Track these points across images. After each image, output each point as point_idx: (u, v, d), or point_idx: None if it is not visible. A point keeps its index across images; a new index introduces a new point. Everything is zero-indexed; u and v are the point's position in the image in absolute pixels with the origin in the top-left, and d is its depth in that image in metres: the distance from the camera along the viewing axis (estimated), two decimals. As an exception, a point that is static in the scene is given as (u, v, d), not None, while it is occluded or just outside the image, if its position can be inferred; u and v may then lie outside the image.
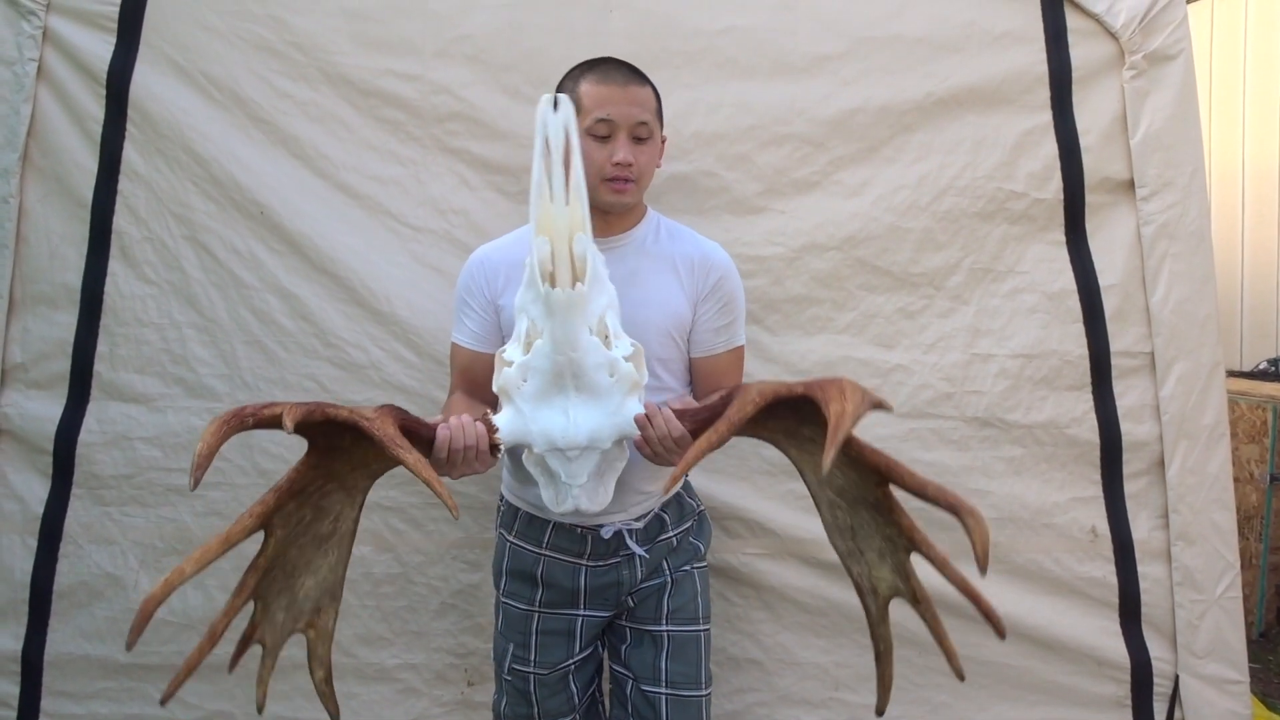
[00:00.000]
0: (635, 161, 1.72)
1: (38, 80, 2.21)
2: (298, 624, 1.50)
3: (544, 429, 1.56)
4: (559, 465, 1.59)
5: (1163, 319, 2.25)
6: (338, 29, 2.23)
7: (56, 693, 2.27)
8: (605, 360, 1.55)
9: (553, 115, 1.51)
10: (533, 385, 1.56)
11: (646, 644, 1.84)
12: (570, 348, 1.53)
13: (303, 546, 1.50)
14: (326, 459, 1.48)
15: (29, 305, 2.26)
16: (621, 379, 1.56)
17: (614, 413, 1.56)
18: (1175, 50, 2.24)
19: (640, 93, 1.74)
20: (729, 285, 1.83)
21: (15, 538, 2.26)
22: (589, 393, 1.55)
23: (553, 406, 1.56)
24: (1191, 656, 2.27)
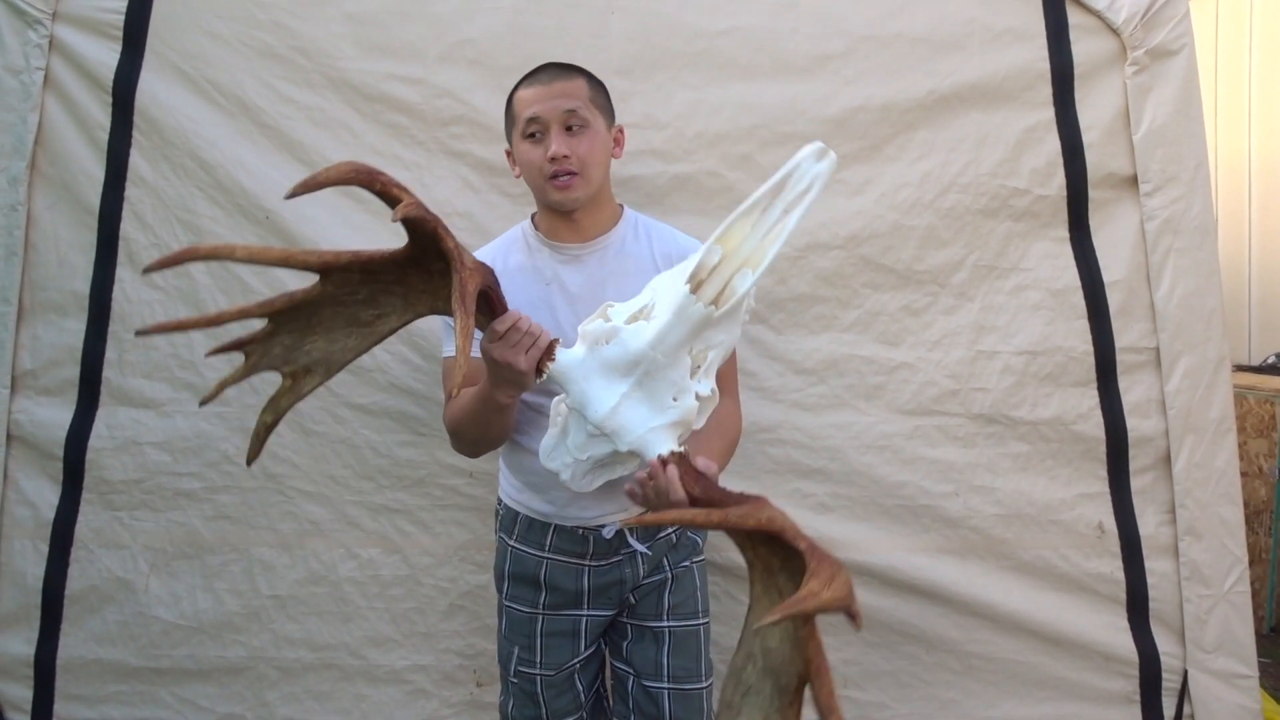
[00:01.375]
0: (572, 153, 1.70)
1: (44, 89, 2.23)
2: (284, 366, 1.50)
3: (590, 393, 1.51)
4: (576, 430, 1.56)
5: (1168, 314, 2.25)
6: (341, 34, 2.24)
7: (69, 696, 2.29)
8: (682, 384, 1.51)
9: (811, 161, 1.46)
10: (612, 352, 1.50)
11: (648, 640, 1.85)
12: (665, 351, 1.48)
13: (337, 313, 1.48)
14: (411, 265, 1.45)
15: (38, 312, 2.27)
16: (681, 410, 1.51)
17: (651, 431, 1.51)
18: (1177, 45, 2.24)
19: (567, 85, 1.73)
20: None
21: (27, 543, 2.28)
22: (647, 398, 1.50)
23: (612, 383, 1.51)
24: (1200, 651, 2.26)
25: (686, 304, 1.46)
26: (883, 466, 2.27)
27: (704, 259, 1.47)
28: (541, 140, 1.72)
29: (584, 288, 1.79)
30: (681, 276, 1.49)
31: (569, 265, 1.81)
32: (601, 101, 1.79)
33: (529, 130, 1.73)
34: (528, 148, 1.74)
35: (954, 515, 2.28)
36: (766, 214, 1.47)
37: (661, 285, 1.54)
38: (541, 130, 1.72)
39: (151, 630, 2.29)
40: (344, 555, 2.28)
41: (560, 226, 1.81)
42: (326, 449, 2.27)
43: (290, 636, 2.28)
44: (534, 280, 1.80)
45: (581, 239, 1.81)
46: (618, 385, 1.50)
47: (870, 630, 2.28)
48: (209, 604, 2.29)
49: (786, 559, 1.39)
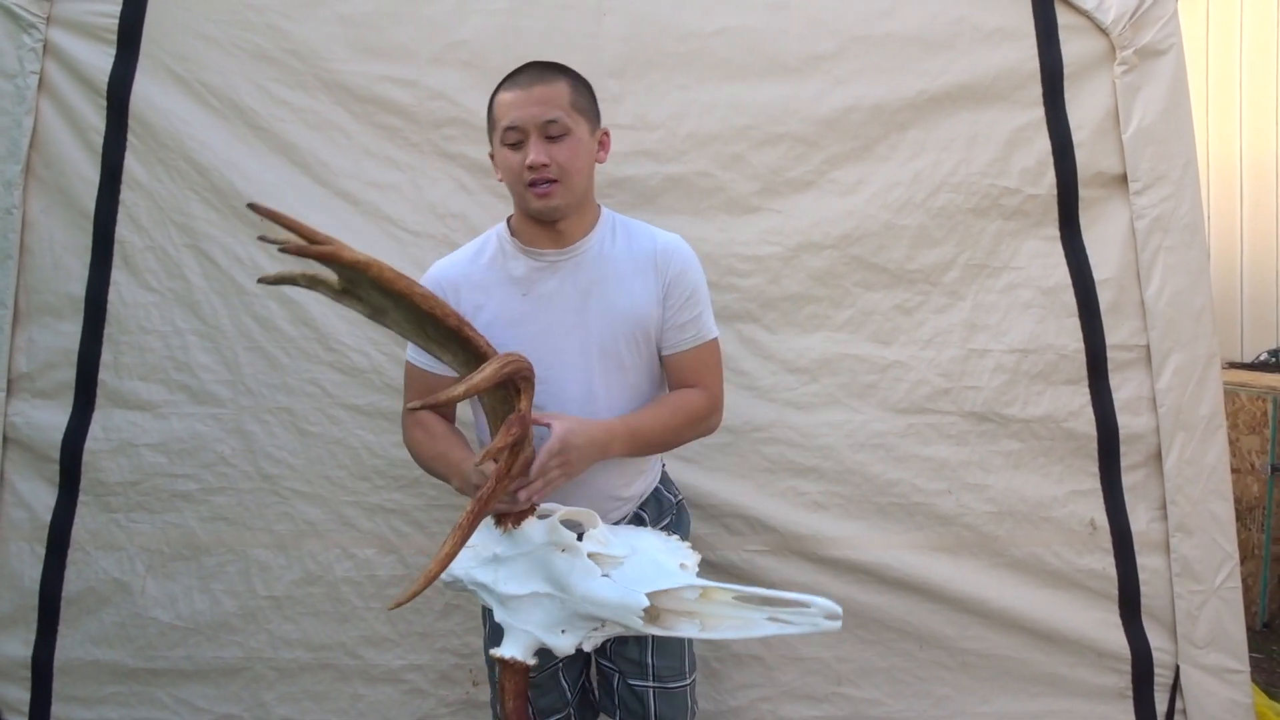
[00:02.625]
0: (551, 160, 1.66)
1: (39, 92, 2.24)
2: (350, 284, 1.48)
3: (514, 570, 1.61)
4: (483, 564, 1.64)
5: (1158, 312, 2.27)
6: (334, 36, 2.25)
7: (66, 697, 2.29)
8: (574, 629, 1.59)
9: (820, 614, 1.48)
10: (558, 565, 1.58)
11: (631, 640, 1.84)
12: (591, 610, 1.56)
13: (415, 316, 1.52)
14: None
15: (34, 315, 2.28)
16: (558, 641, 1.59)
17: (525, 631, 1.60)
18: (1166, 45, 2.25)
19: (547, 90, 1.68)
20: (690, 277, 1.79)
21: (24, 545, 2.29)
22: (548, 614, 1.59)
23: (533, 578, 1.59)
24: (1192, 646, 2.28)
25: (634, 609, 1.52)
26: (876, 464, 2.28)
27: (681, 589, 1.53)
28: (521, 147, 1.68)
29: (563, 297, 1.76)
30: (654, 579, 1.54)
31: (546, 273, 1.76)
32: (584, 105, 1.73)
33: (509, 138, 1.69)
34: (507, 154, 1.70)
35: (947, 513, 2.29)
36: (750, 605, 1.52)
37: (641, 559, 1.59)
38: (521, 137, 1.67)
39: (148, 631, 2.29)
40: (340, 555, 2.28)
41: (539, 234, 1.77)
42: (322, 450, 2.27)
43: (287, 637, 2.29)
44: (511, 294, 1.77)
45: (560, 245, 1.77)
46: (537, 584, 1.58)
47: (864, 627, 2.30)
48: (206, 605, 2.29)
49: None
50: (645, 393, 1.80)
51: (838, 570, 2.27)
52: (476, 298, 1.77)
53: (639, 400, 1.78)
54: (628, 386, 1.77)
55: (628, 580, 1.53)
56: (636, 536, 1.68)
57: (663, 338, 1.79)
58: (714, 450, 2.27)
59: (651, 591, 1.51)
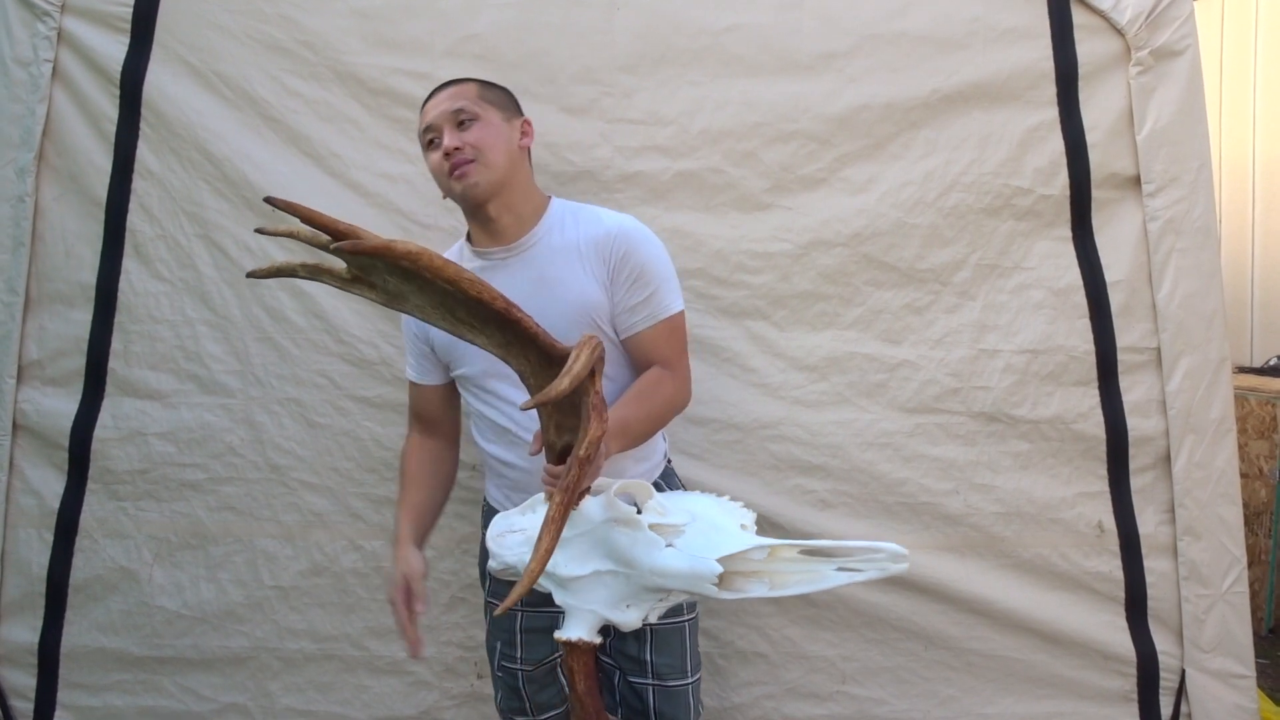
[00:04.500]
0: (463, 143, 1.72)
1: (52, 81, 2.25)
2: (362, 270, 1.45)
3: (571, 549, 1.55)
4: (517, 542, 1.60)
5: (1169, 314, 2.26)
6: (348, 28, 2.25)
7: (73, 684, 2.31)
8: (639, 601, 1.55)
9: (888, 558, 1.46)
10: (619, 540, 1.54)
11: (630, 638, 1.84)
12: (657, 580, 1.52)
13: (447, 296, 1.46)
14: (543, 359, 1.49)
15: (45, 303, 2.29)
16: (623, 617, 1.56)
17: (590, 611, 1.56)
18: (1181, 46, 2.24)
19: (455, 89, 1.78)
20: (637, 258, 1.76)
21: (32, 532, 2.30)
22: (610, 590, 1.55)
23: (593, 556, 1.55)
24: (1198, 651, 2.27)
25: (707, 578, 1.47)
26: (884, 464, 2.28)
27: (749, 551, 1.49)
28: (438, 144, 1.75)
29: (514, 294, 1.68)
30: (720, 543, 1.49)
31: (496, 273, 1.75)
32: (494, 98, 1.80)
33: (426, 140, 1.78)
34: (431, 156, 1.77)
35: (954, 513, 2.28)
36: (818, 558, 1.49)
37: (702, 525, 1.55)
38: (435, 134, 1.76)
39: (155, 620, 2.30)
40: (347, 547, 2.29)
41: (481, 233, 1.80)
42: (330, 441, 2.28)
43: (293, 627, 2.30)
44: None
45: (503, 242, 1.78)
46: (598, 562, 1.54)
47: (870, 626, 2.29)
48: (212, 594, 2.30)
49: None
50: (613, 377, 1.77)
51: (844, 569, 2.27)
52: None
53: (610, 386, 1.75)
54: None
55: (693, 548, 1.50)
56: (691, 501, 1.64)
57: (617, 321, 1.79)
58: (721, 447, 2.27)
59: (723, 557, 1.47)
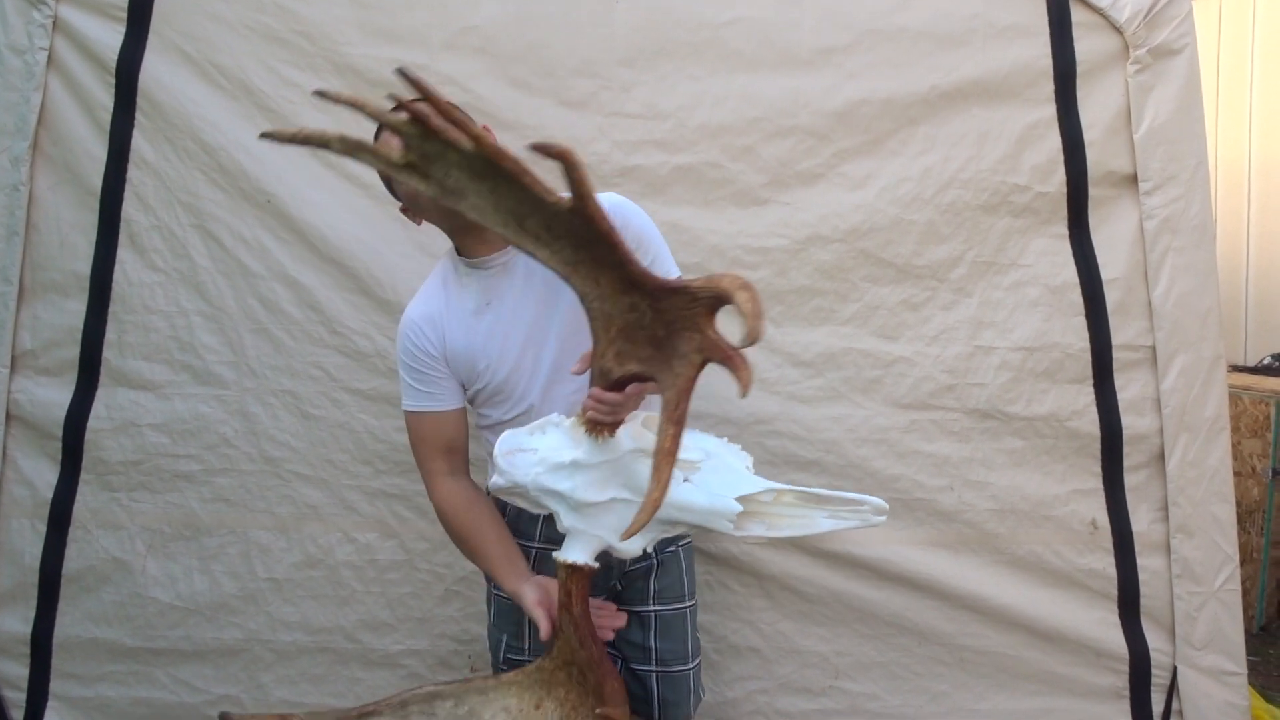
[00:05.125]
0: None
1: (48, 69, 2.23)
2: (423, 158, 1.43)
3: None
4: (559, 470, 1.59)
5: (1164, 313, 2.26)
6: (345, 19, 2.24)
7: (65, 675, 2.30)
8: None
9: (872, 510, 1.55)
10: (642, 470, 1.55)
11: (634, 625, 1.86)
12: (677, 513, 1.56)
13: (523, 203, 1.43)
14: (660, 322, 1.46)
15: (39, 292, 2.28)
16: (623, 547, 1.59)
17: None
18: (1180, 45, 2.24)
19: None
20: (634, 226, 1.73)
21: (25, 522, 2.29)
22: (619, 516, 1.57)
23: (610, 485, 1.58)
24: (1190, 648, 2.28)
25: (725, 515, 1.52)
26: (878, 460, 2.28)
27: (758, 494, 1.54)
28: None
29: (523, 292, 1.76)
30: (735, 483, 1.55)
31: (499, 277, 1.76)
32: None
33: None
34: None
35: (948, 509, 2.29)
36: (810, 504, 1.56)
37: (716, 463, 1.59)
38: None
39: (148, 611, 2.30)
40: (341, 539, 2.29)
41: (474, 244, 1.76)
42: (325, 433, 2.27)
43: (286, 619, 2.30)
44: (473, 308, 1.77)
45: (498, 247, 1.76)
46: (615, 490, 1.56)
47: (863, 622, 2.30)
48: (206, 586, 2.30)
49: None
50: None
51: (838, 564, 2.27)
52: (449, 322, 1.77)
53: None
54: None
55: (709, 485, 1.54)
56: (703, 440, 1.66)
57: None
58: (717, 442, 2.27)
59: (740, 497, 1.52)
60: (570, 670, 1.60)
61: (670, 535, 1.59)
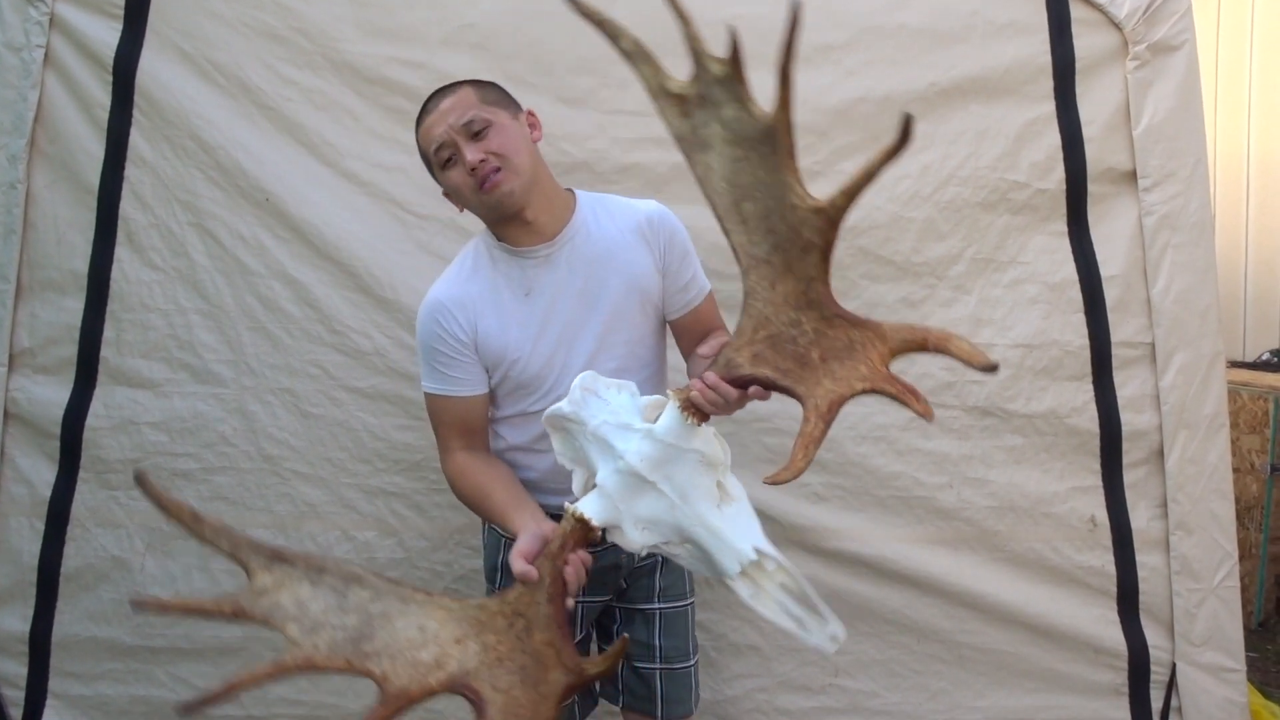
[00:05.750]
0: (486, 152, 1.65)
1: (45, 66, 2.22)
2: None
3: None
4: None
5: (1164, 310, 2.26)
6: (343, 16, 2.23)
7: (64, 673, 2.30)
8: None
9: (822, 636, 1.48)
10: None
11: (639, 623, 1.86)
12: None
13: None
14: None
15: (36, 291, 2.27)
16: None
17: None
18: (1179, 41, 2.24)
19: (452, 99, 1.69)
20: (680, 236, 1.80)
21: (23, 520, 2.29)
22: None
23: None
24: (1189, 645, 2.28)
25: (741, 557, 1.48)
26: (877, 457, 2.28)
27: (768, 558, 1.48)
28: (457, 161, 1.67)
29: (569, 285, 1.75)
30: (755, 535, 1.50)
31: (542, 268, 1.74)
32: (495, 97, 1.73)
33: (442, 159, 1.68)
34: (450, 174, 1.68)
35: (947, 507, 2.29)
36: (794, 595, 1.48)
37: (744, 507, 1.54)
38: (451, 151, 1.66)
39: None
40: (340, 538, 2.28)
41: (519, 233, 1.74)
42: (324, 432, 2.27)
43: (285, 617, 2.29)
44: (510, 297, 1.75)
45: (546, 237, 1.74)
46: (661, 478, 1.50)
47: (862, 619, 2.30)
48: (205, 584, 2.29)
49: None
50: (640, 356, 1.79)
51: (837, 562, 2.28)
52: (480, 308, 1.74)
53: (634, 362, 1.77)
54: (628, 353, 1.78)
55: (734, 526, 1.50)
56: (738, 484, 1.61)
57: (669, 302, 1.80)
58: (716, 440, 2.26)
59: (758, 550, 1.48)
60: (516, 622, 1.49)
61: (668, 550, 1.54)
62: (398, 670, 1.41)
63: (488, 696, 1.41)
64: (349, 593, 1.45)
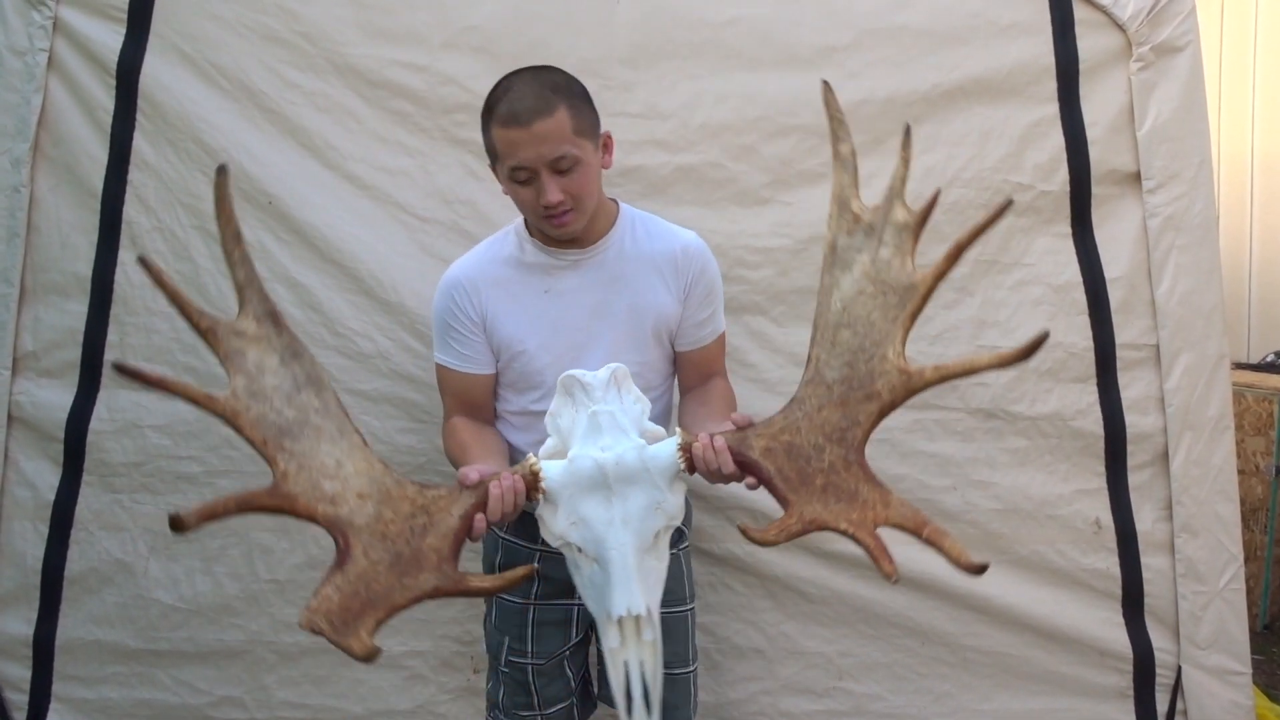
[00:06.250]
0: (565, 194, 1.64)
1: (48, 70, 2.22)
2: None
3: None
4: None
5: (1168, 311, 2.25)
6: (346, 19, 2.24)
7: (67, 677, 2.30)
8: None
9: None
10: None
11: None
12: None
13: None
14: None
15: (40, 294, 2.27)
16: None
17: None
18: (1183, 42, 2.23)
19: (547, 125, 1.61)
20: (709, 275, 1.83)
21: (27, 524, 2.29)
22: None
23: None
24: (1194, 648, 2.27)
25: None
26: (882, 459, 2.25)
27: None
28: (531, 183, 1.64)
29: (585, 293, 1.76)
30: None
31: (567, 271, 1.77)
32: (585, 125, 1.67)
33: (517, 176, 1.65)
34: (518, 189, 1.66)
35: (952, 509, 2.28)
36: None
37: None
38: (530, 175, 1.63)
39: (150, 613, 2.30)
40: (343, 540, 2.28)
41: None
42: (327, 434, 2.26)
43: (288, 620, 2.29)
44: (531, 288, 1.76)
45: (581, 245, 1.76)
46: (654, 484, 1.51)
47: (866, 622, 2.29)
48: (208, 587, 2.29)
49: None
50: (648, 380, 1.79)
51: (841, 564, 2.27)
52: (496, 293, 1.77)
53: (642, 384, 1.73)
54: (638, 375, 1.75)
55: (644, 577, 1.52)
56: (668, 554, 1.63)
57: (681, 334, 1.82)
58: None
59: (650, 616, 1.52)
60: (418, 516, 1.48)
61: (574, 557, 1.52)
62: (298, 480, 1.43)
63: (355, 555, 1.40)
64: (303, 392, 1.47)
